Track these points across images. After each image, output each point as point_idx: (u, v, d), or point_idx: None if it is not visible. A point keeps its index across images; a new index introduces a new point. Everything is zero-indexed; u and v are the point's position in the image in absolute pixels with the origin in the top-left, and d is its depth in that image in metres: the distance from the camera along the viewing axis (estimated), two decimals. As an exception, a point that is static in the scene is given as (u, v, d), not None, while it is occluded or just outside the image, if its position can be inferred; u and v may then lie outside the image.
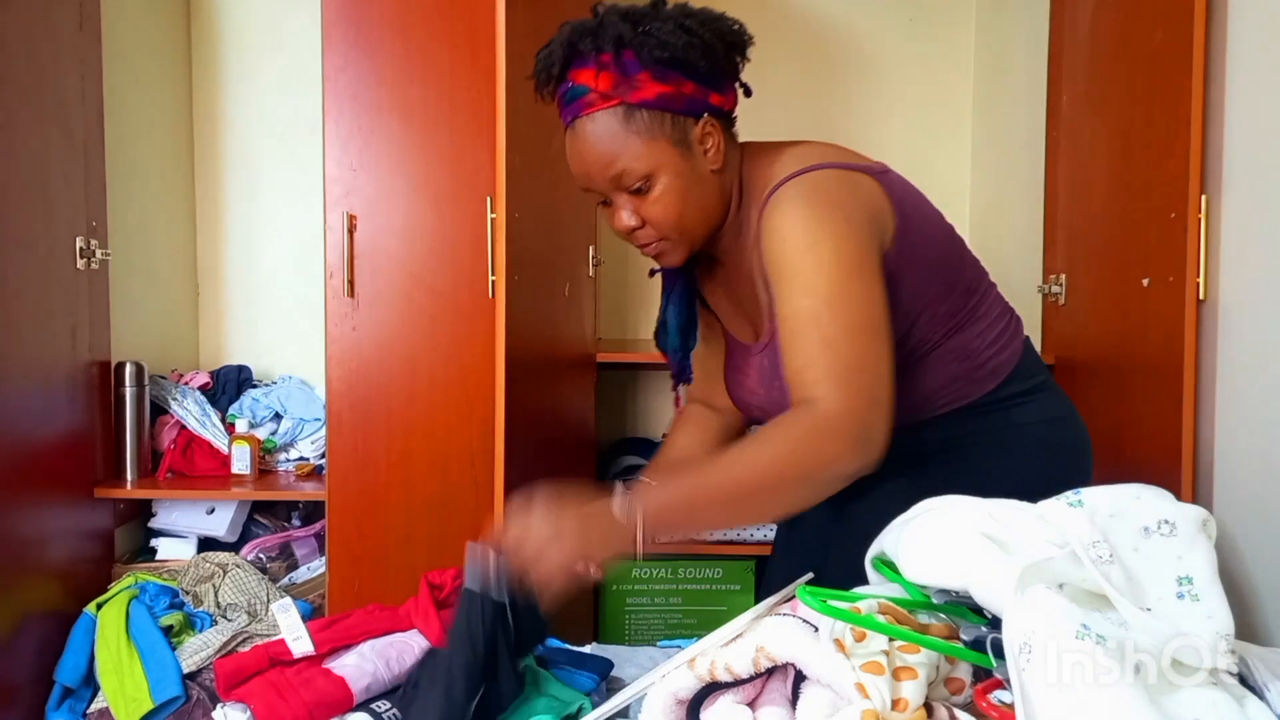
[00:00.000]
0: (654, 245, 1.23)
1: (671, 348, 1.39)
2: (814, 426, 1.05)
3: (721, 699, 0.78)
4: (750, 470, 1.06)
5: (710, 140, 1.21)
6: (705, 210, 1.23)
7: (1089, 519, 0.79)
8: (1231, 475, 1.54)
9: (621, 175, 1.17)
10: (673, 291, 1.37)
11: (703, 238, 1.25)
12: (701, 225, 1.23)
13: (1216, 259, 1.56)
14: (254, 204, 2.65)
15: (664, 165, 1.17)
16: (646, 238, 1.22)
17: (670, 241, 1.23)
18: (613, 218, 1.22)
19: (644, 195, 1.19)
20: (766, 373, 1.27)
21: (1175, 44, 1.60)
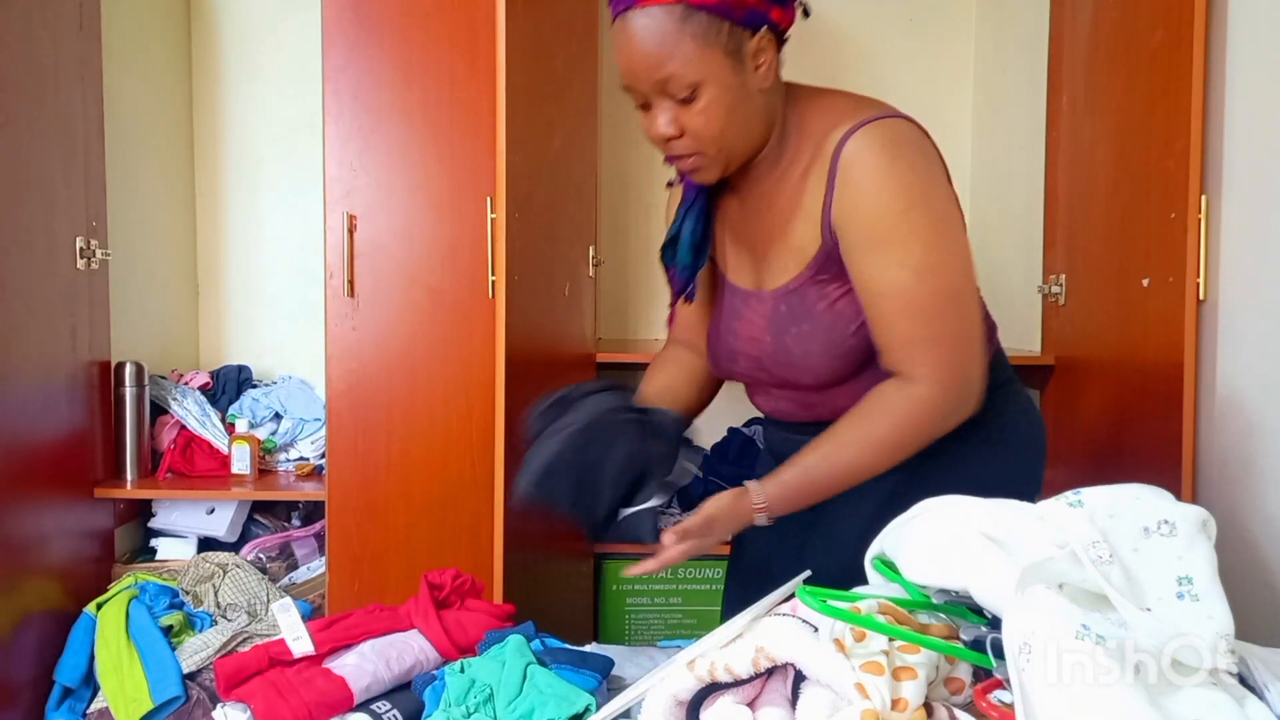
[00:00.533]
0: (690, 159, 1.18)
1: (682, 264, 1.32)
2: (916, 408, 1.15)
3: (721, 699, 0.78)
4: (859, 452, 1.17)
5: (764, 57, 1.16)
6: (749, 130, 1.19)
7: (1089, 519, 0.79)
8: (1231, 475, 1.54)
9: (668, 80, 1.12)
10: (693, 205, 1.31)
11: (739, 160, 1.21)
12: (742, 144, 1.19)
13: (1216, 259, 1.56)
14: (254, 204, 2.65)
15: (714, 75, 1.12)
16: (683, 149, 1.17)
17: (707, 157, 1.18)
18: (650, 124, 1.17)
19: (687, 104, 1.14)
20: (781, 319, 1.24)
21: (1175, 44, 1.60)
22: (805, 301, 1.22)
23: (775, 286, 1.25)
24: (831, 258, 1.19)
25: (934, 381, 1.14)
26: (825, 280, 1.20)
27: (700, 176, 1.22)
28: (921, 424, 1.15)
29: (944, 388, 1.14)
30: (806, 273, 1.21)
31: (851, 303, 1.19)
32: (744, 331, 1.29)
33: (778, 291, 1.25)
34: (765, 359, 1.27)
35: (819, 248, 1.19)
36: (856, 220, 1.15)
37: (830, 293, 1.20)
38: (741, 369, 1.32)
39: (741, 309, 1.30)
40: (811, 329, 1.21)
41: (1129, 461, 1.77)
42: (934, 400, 1.14)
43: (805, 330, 1.22)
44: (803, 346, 1.22)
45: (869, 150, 1.15)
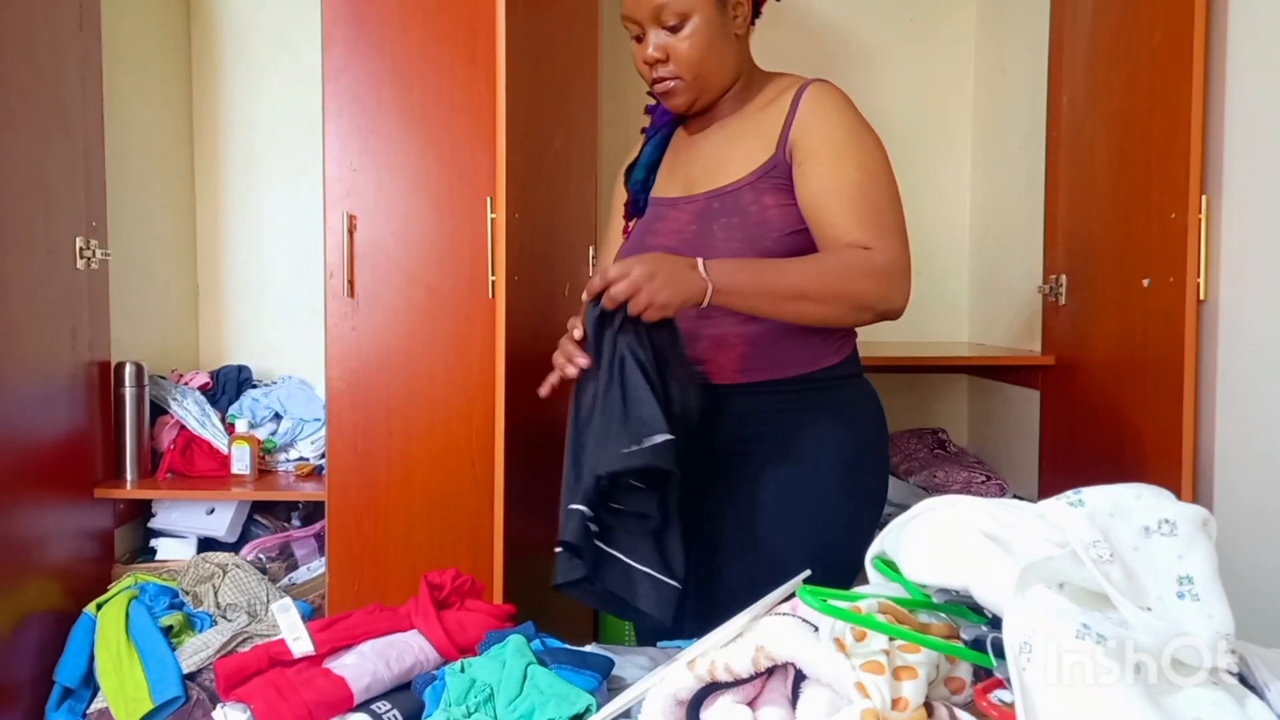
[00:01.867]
0: (669, 83, 1.39)
1: (635, 180, 1.51)
2: (874, 266, 1.28)
3: (721, 699, 0.78)
4: (817, 276, 1.27)
5: (740, 10, 1.41)
6: (721, 66, 1.40)
7: (1089, 518, 0.79)
8: (1231, 475, 1.54)
9: (663, 8, 1.34)
10: (658, 133, 1.52)
11: (710, 94, 1.42)
12: (715, 78, 1.40)
13: (1217, 259, 1.56)
14: (254, 204, 2.65)
15: (701, 10, 1.35)
16: (666, 73, 1.38)
17: (684, 83, 1.39)
18: (640, 51, 1.38)
19: (674, 31, 1.36)
20: (711, 212, 1.38)
21: (1175, 44, 1.60)
22: (740, 202, 1.36)
23: (709, 189, 1.41)
24: (778, 169, 1.36)
25: (888, 252, 1.29)
26: (764, 189, 1.36)
27: (673, 101, 1.42)
28: (875, 283, 1.28)
29: (896, 258, 1.29)
30: (749, 177, 1.37)
31: (782, 215, 1.34)
32: (665, 229, 1.43)
33: (711, 191, 1.40)
34: (684, 247, 1.37)
35: (769, 156, 1.37)
36: (818, 133, 1.34)
37: (765, 201, 1.35)
38: None
39: (666, 213, 1.45)
40: (741, 222, 1.35)
41: (1129, 461, 1.77)
42: (889, 266, 1.28)
43: (734, 222, 1.36)
44: (727, 234, 1.35)
45: (829, 91, 1.39)
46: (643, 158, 1.52)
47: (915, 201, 2.68)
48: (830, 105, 1.37)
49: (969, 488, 2.29)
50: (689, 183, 1.46)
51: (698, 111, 1.45)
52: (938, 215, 2.70)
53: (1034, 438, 2.26)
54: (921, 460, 2.48)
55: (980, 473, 2.34)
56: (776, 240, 1.34)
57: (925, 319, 2.72)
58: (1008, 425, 2.45)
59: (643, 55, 1.39)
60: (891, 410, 2.74)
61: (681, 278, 1.21)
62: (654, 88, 1.42)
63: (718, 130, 1.46)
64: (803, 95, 1.38)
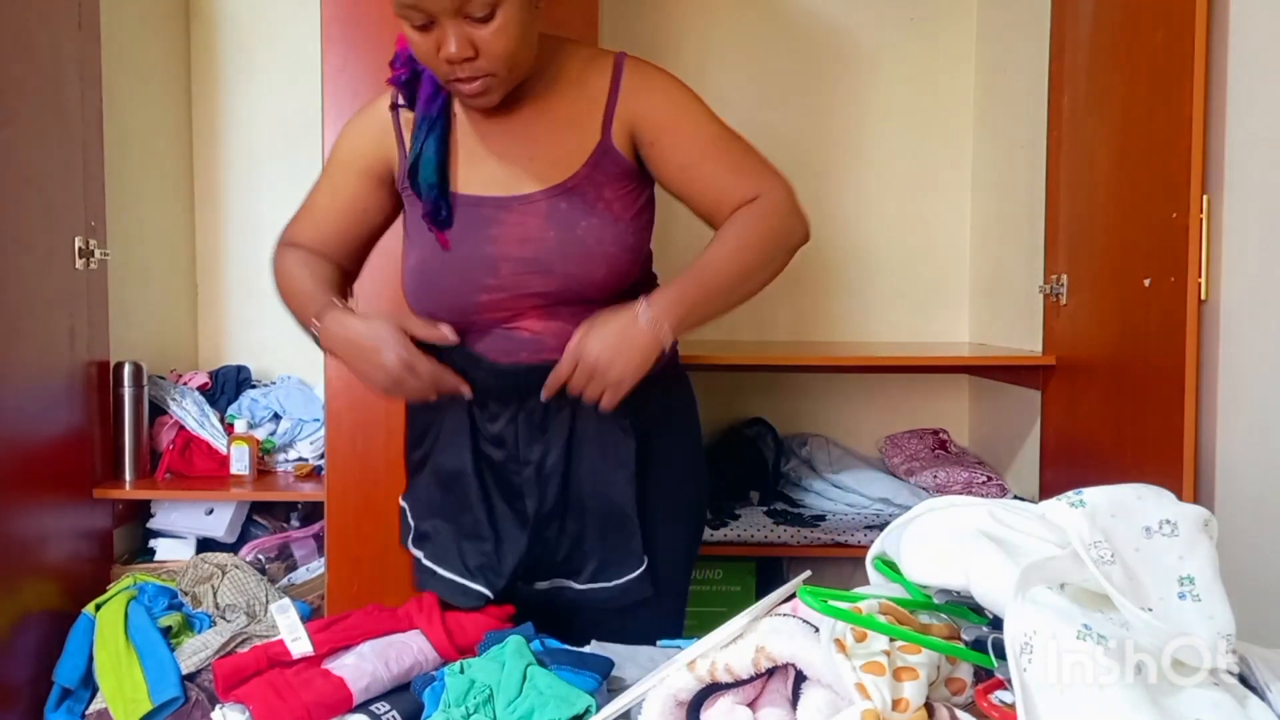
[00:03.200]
0: (478, 82, 1.17)
1: (428, 183, 1.28)
2: (778, 208, 1.27)
3: (721, 700, 0.78)
4: (747, 252, 1.25)
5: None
6: (532, 50, 1.21)
7: (1090, 519, 0.78)
8: (1233, 475, 1.53)
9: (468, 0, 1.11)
10: (435, 124, 1.29)
11: (519, 79, 1.23)
12: (526, 64, 1.21)
13: (1218, 259, 1.55)
14: (253, 203, 2.65)
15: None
16: (475, 71, 1.16)
17: (498, 78, 1.18)
18: (432, 45, 1.15)
19: (482, 24, 1.13)
20: (564, 215, 1.25)
21: (1176, 44, 1.60)
22: (586, 199, 1.26)
23: (546, 186, 1.26)
24: (608, 155, 1.26)
25: (779, 189, 1.28)
26: (600, 181, 1.26)
27: (486, 100, 1.21)
28: (789, 221, 1.28)
29: (790, 193, 1.28)
30: (584, 170, 1.26)
31: (621, 204, 1.28)
32: (509, 234, 1.26)
33: (552, 190, 1.26)
34: (548, 255, 1.24)
35: (597, 143, 1.26)
36: (661, 106, 1.27)
37: (606, 194, 1.27)
38: (503, 278, 1.26)
39: (497, 215, 1.27)
40: (600, 222, 1.25)
41: (1130, 461, 1.76)
42: (788, 201, 1.28)
43: (595, 223, 1.25)
44: (596, 237, 1.25)
45: (650, 67, 1.31)
46: (427, 153, 1.28)
47: (916, 201, 2.70)
48: (654, 74, 1.29)
49: (970, 488, 2.29)
50: (506, 177, 1.28)
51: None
52: (938, 215, 2.70)
53: (1035, 438, 2.25)
54: (922, 460, 2.48)
55: (981, 473, 2.34)
56: (634, 231, 1.29)
57: (926, 319, 2.72)
58: (1008, 425, 2.45)
59: (441, 52, 1.14)
60: (892, 410, 2.77)
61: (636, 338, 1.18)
62: (456, 86, 1.19)
63: (525, 114, 1.28)
64: (622, 71, 1.27)
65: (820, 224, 2.69)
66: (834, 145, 2.70)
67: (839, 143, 2.70)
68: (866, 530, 2.22)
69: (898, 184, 2.70)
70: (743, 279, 1.25)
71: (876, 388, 2.76)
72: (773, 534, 2.23)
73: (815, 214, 2.70)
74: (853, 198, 2.70)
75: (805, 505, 2.40)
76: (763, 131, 2.83)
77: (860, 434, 2.72)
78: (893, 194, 2.70)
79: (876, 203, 2.70)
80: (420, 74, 1.29)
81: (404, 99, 1.31)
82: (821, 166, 2.70)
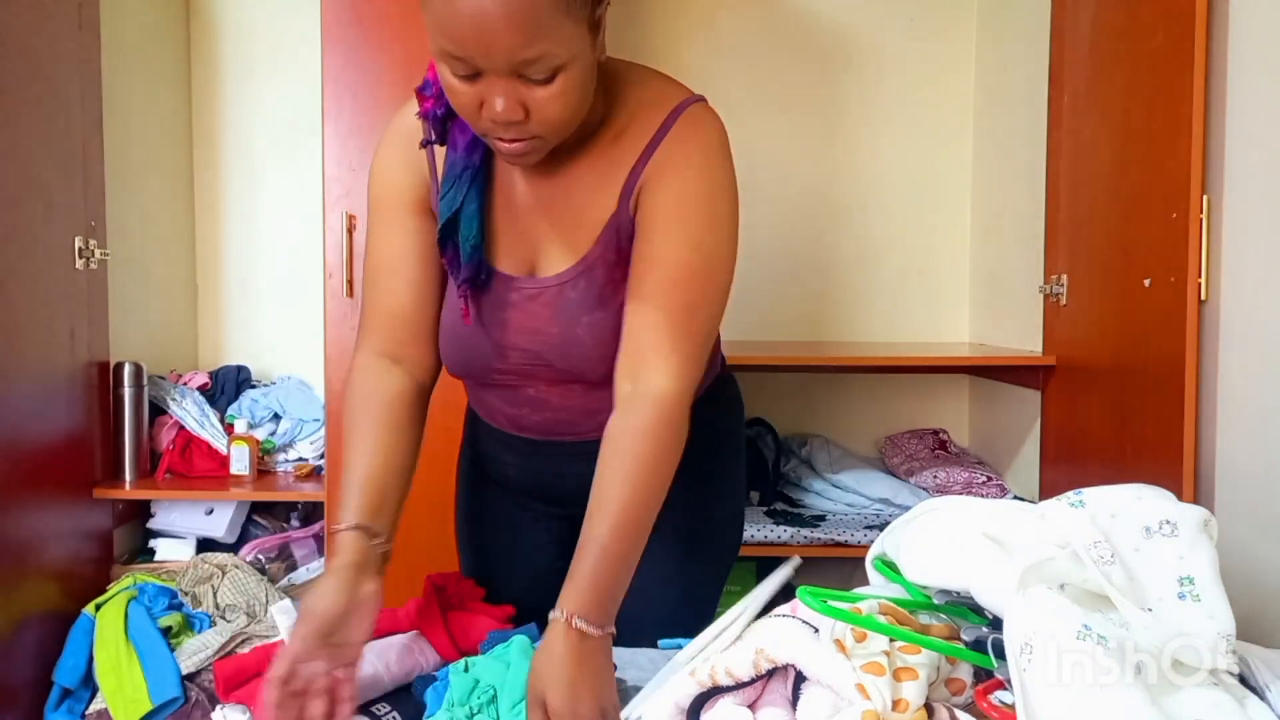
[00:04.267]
0: (524, 144, 1.00)
1: (472, 244, 1.12)
2: (666, 415, 1.04)
3: (722, 701, 0.78)
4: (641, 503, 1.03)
5: (604, 21, 1.00)
6: (585, 109, 1.03)
7: (1090, 519, 0.79)
8: (1232, 475, 1.53)
9: (536, 61, 0.93)
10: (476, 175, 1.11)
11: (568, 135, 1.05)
12: (577, 123, 1.03)
13: (1218, 259, 1.55)
14: (253, 204, 2.65)
15: (579, 55, 0.96)
16: (523, 133, 0.99)
17: (543, 141, 1.01)
18: (482, 99, 0.96)
19: (540, 85, 0.95)
20: (570, 308, 1.12)
21: (1176, 44, 1.60)
22: (594, 285, 1.12)
23: (559, 270, 1.13)
24: (621, 229, 1.10)
25: (674, 384, 1.05)
26: (612, 261, 1.12)
27: (526, 161, 1.05)
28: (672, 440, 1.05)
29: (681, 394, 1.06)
30: (596, 249, 1.11)
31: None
32: (518, 323, 1.15)
33: (564, 275, 1.13)
34: (549, 352, 1.15)
35: (611, 214, 1.10)
36: (664, 187, 1.07)
37: (616, 274, 1.12)
38: (512, 364, 1.18)
39: (512, 297, 1.15)
40: (603, 316, 1.12)
41: (1130, 461, 1.76)
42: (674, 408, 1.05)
43: (598, 319, 1.12)
44: (594, 335, 1.12)
45: (700, 129, 1.09)
46: (469, 209, 1.12)
47: (916, 201, 2.70)
48: (694, 155, 1.08)
49: (970, 488, 2.29)
50: (523, 250, 1.16)
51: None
52: (938, 215, 2.70)
53: (1035, 438, 2.26)
54: (922, 461, 2.48)
55: (981, 473, 2.34)
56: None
57: (926, 319, 2.72)
58: (1009, 426, 2.45)
59: (487, 110, 0.97)
60: (892, 411, 2.77)
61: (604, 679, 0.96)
62: (495, 143, 1.02)
63: (562, 165, 1.11)
64: (669, 131, 1.08)
65: (821, 224, 2.72)
66: (834, 145, 2.70)
67: (839, 143, 2.70)
68: (866, 530, 2.22)
69: (898, 184, 2.70)
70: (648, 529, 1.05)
71: (876, 388, 2.76)
72: (773, 534, 2.23)
73: (816, 215, 2.72)
74: (853, 198, 2.70)
75: (805, 505, 2.40)
76: (763, 131, 2.84)
77: (860, 434, 2.72)
78: (893, 194, 2.70)
79: (877, 203, 2.70)
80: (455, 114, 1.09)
81: (434, 135, 1.13)
82: (821, 166, 2.70)
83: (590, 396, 1.18)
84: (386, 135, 1.20)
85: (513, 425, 1.26)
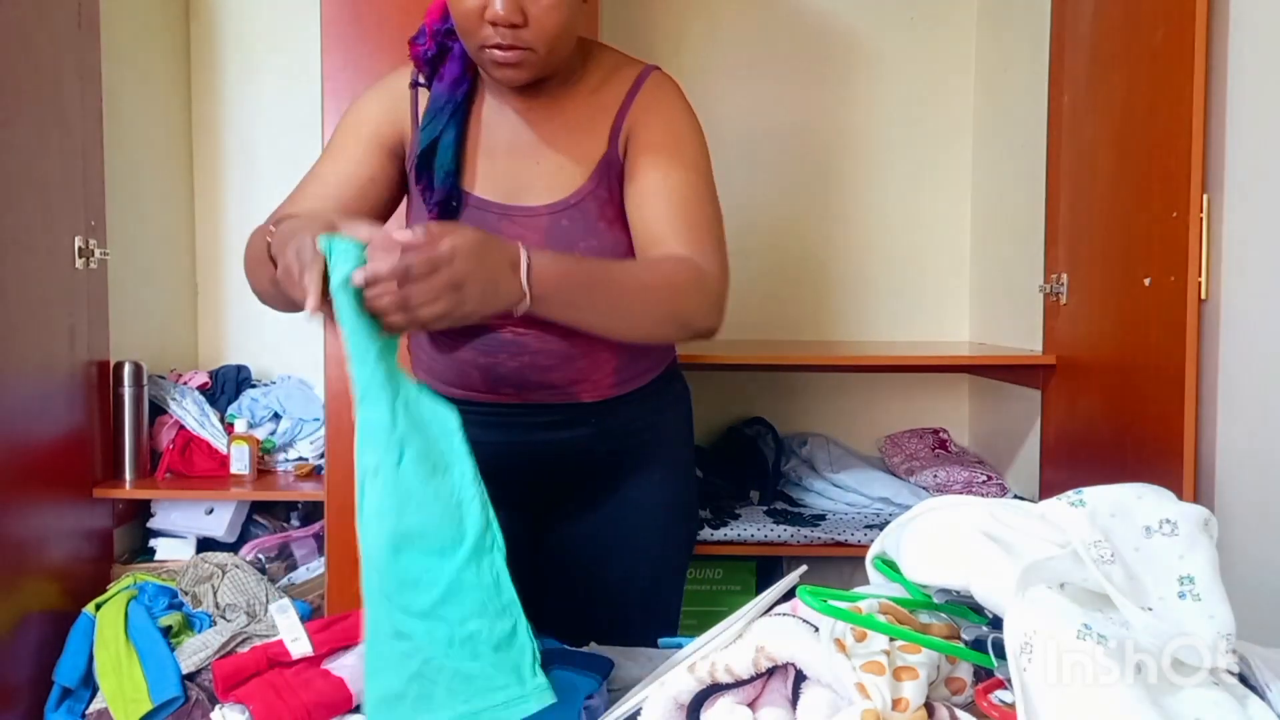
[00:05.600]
0: (516, 52, 1.12)
1: (445, 170, 1.21)
2: (702, 280, 1.14)
3: (721, 700, 0.78)
4: (643, 280, 1.14)
5: None
6: (571, 39, 1.18)
7: (1090, 518, 0.79)
8: (1232, 475, 1.53)
9: None
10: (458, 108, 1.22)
11: (552, 67, 1.18)
12: (564, 51, 1.17)
13: (1218, 259, 1.55)
14: (253, 204, 2.64)
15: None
16: (517, 40, 1.11)
17: (535, 55, 1.13)
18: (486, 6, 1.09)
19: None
20: (564, 234, 1.20)
21: (1176, 43, 1.60)
22: (587, 218, 1.21)
23: (550, 201, 1.21)
24: (611, 167, 1.22)
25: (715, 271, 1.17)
26: (604, 198, 1.22)
27: (516, 73, 1.15)
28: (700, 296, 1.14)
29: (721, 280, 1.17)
30: (588, 184, 1.21)
31: (624, 221, 1.22)
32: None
33: (555, 205, 1.21)
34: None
35: (602, 155, 1.22)
36: (656, 126, 1.21)
37: (608, 212, 1.22)
38: None
39: (499, 224, 1.21)
40: (599, 245, 1.21)
41: (1130, 461, 1.76)
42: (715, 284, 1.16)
43: (594, 246, 1.21)
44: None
45: (669, 83, 1.26)
46: (446, 138, 1.21)
47: (916, 201, 2.70)
48: (671, 98, 1.24)
49: (970, 488, 2.29)
50: (511, 181, 1.23)
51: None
52: (938, 214, 2.70)
53: (1035, 438, 2.25)
54: (923, 460, 2.48)
55: (981, 472, 2.34)
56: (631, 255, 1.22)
57: (926, 319, 2.72)
58: (1009, 425, 2.45)
59: (489, 12, 1.09)
60: (892, 410, 2.77)
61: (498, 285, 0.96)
62: (489, 53, 1.13)
63: (545, 112, 1.24)
64: (644, 82, 1.24)
65: (820, 224, 2.72)
66: (834, 145, 2.70)
67: (839, 142, 2.70)
68: (866, 530, 2.22)
69: (898, 183, 2.70)
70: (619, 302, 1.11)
71: (876, 388, 2.76)
72: (773, 533, 2.23)
73: (816, 214, 2.72)
74: (853, 197, 2.70)
75: (805, 505, 2.40)
76: (763, 131, 2.84)
77: (860, 434, 2.72)
78: (893, 193, 2.70)
79: (876, 202, 2.70)
80: (447, 52, 1.23)
81: (424, 77, 1.24)
82: (822, 166, 2.70)
83: (569, 339, 1.22)
84: (375, 85, 1.29)
85: (485, 381, 1.26)
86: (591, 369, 1.27)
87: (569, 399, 1.28)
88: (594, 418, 1.30)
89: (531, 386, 1.26)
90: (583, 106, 1.24)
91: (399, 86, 1.27)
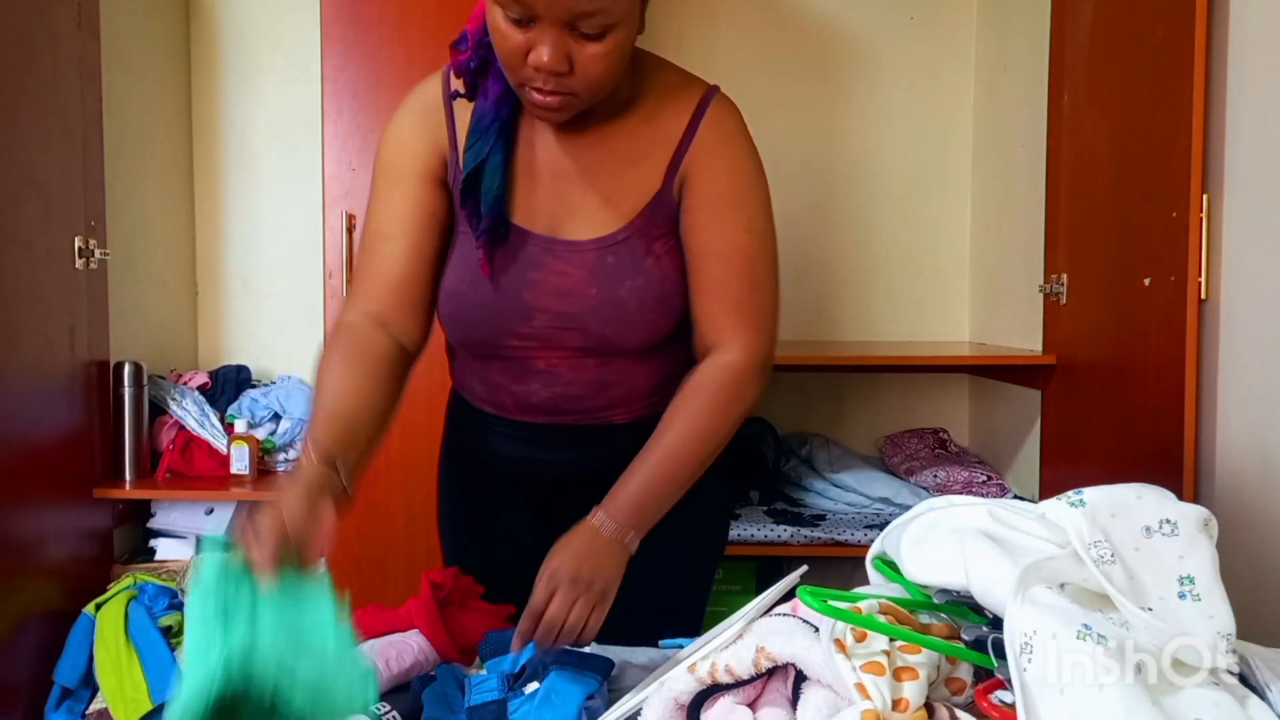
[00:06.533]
0: (559, 98, 1.04)
1: (493, 195, 1.13)
2: (733, 378, 1.15)
3: (722, 700, 0.78)
4: (698, 443, 1.14)
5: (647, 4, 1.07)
6: (620, 76, 1.08)
7: (1090, 518, 0.78)
8: (1232, 475, 1.53)
9: (594, 15, 0.98)
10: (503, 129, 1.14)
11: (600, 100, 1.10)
12: (611, 89, 1.08)
13: (1218, 258, 1.55)
14: (253, 203, 2.65)
15: (629, 19, 1.02)
16: (560, 86, 1.03)
17: (578, 100, 1.06)
18: (530, 46, 1.00)
19: (589, 41, 1.00)
20: (610, 271, 1.14)
21: (1176, 43, 1.60)
22: (634, 254, 1.15)
23: (596, 235, 1.15)
24: (663, 206, 1.15)
25: (748, 350, 1.16)
26: (653, 235, 1.16)
27: (556, 116, 1.09)
28: (740, 395, 1.16)
29: (756, 354, 1.17)
30: (638, 220, 1.15)
31: (673, 262, 1.17)
32: (550, 283, 1.16)
33: (603, 241, 1.15)
34: (586, 315, 1.16)
35: (655, 193, 1.15)
36: (713, 173, 1.15)
37: (656, 249, 1.16)
38: (536, 327, 1.17)
39: (542, 257, 1.16)
40: (645, 283, 1.15)
41: (1130, 461, 1.76)
42: (748, 369, 1.16)
43: (640, 285, 1.15)
44: (638, 300, 1.15)
45: (733, 115, 1.18)
46: (494, 161, 1.13)
47: (916, 201, 2.70)
48: (735, 137, 1.17)
49: (970, 487, 2.29)
50: (557, 211, 1.17)
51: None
52: (938, 214, 2.70)
53: (1035, 437, 2.26)
54: (922, 460, 2.48)
55: (981, 472, 2.34)
56: (677, 292, 1.18)
57: (926, 319, 2.72)
58: (1009, 425, 2.45)
59: (533, 57, 1.00)
60: (892, 410, 2.77)
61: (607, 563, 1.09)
62: (529, 93, 1.05)
63: (590, 138, 1.16)
64: (704, 116, 1.15)
65: (821, 224, 2.72)
66: (834, 145, 2.70)
67: (839, 142, 2.70)
68: (866, 530, 2.22)
69: (898, 183, 2.70)
70: (696, 470, 1.16)
71: (876, 388, 2.76)
72: (773, 533, 2.23)
73: (816, 214, 2.72)
74: (853, 197, 2.70)
75: (805, 505, 2.40)
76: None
77: (860, 434, 2.72)
78: (893, 193, 2.70)
79: (877, 202, 2.70)
80: (490, 65, 1.13)
81: (464, 87, 1.15)
82: (822, 166, 2.70)
83: (603, 369, 1.20)
84: (405, 104, 1.22)
85: (517, 405, 1.25)
86: (626, 396, 1.24)
87: (602, 420, 1.25)
88: (625, 436, 1.24)
89: (564, 412, 1.24)
90: (636, 136, 1.16)
91: (430, 99, 1.19)
